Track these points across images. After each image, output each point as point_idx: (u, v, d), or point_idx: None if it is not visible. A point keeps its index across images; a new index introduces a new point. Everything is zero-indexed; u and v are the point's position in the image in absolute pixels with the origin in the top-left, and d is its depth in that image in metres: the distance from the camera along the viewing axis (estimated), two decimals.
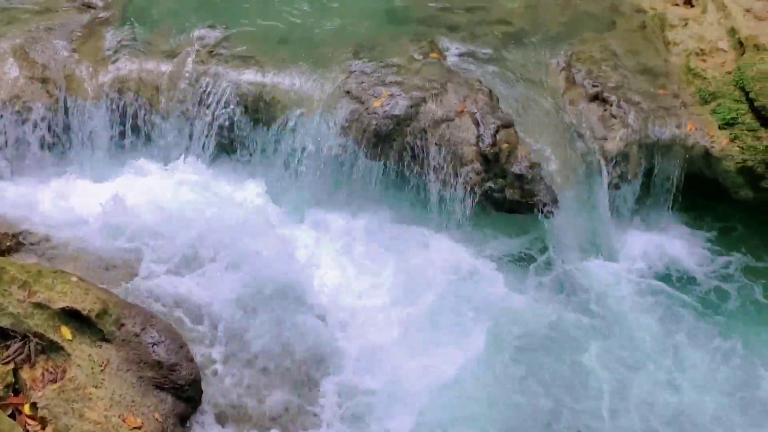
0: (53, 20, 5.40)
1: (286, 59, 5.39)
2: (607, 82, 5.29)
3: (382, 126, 4.90)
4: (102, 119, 5.07)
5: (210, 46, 5.40)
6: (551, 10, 6.19)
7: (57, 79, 4.98)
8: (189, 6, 5.92)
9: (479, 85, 5.15)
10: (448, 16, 6.05)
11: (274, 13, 5.97)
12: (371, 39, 5.65)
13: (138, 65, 5.19)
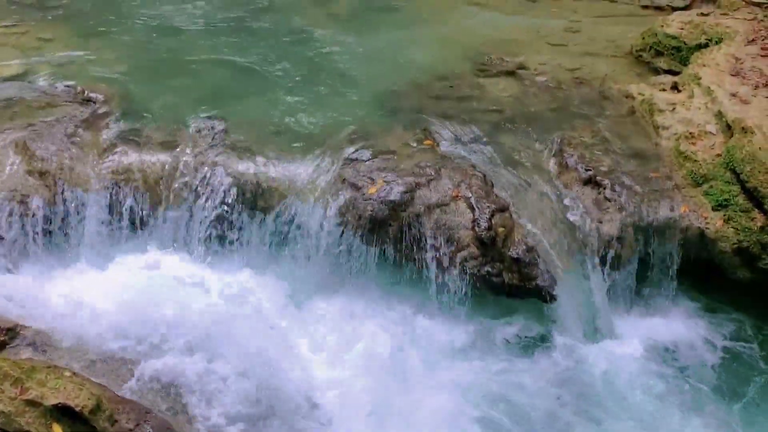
0: (54, 114, 5.52)
1: (283, 148, 5.50)
2: (599, 165, 5.37)
3: (377, 212, 4.94)
4: (99, 211, 5.08)
5: (208, 137, 5.51)
6: (540, 97, 6.37)
7: (56, 173, 5.02)
8: (188, 98, 6.08)
9: (473, 170, 5.23)
10: (440, 104, 6.21)
11: (271, 104, 6.13)
12: (366, 127, 5.78)
13: (136, 157, 5.25)
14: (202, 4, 8.40)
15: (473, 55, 7.17)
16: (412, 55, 7.26)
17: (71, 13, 7.83)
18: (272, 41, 7.52)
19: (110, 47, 7.00)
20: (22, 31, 7.14)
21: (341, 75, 6.79)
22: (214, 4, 8.41)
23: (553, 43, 7.55)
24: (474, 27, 8.09)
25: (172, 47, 7.16)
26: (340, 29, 7.98)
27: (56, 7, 7.94)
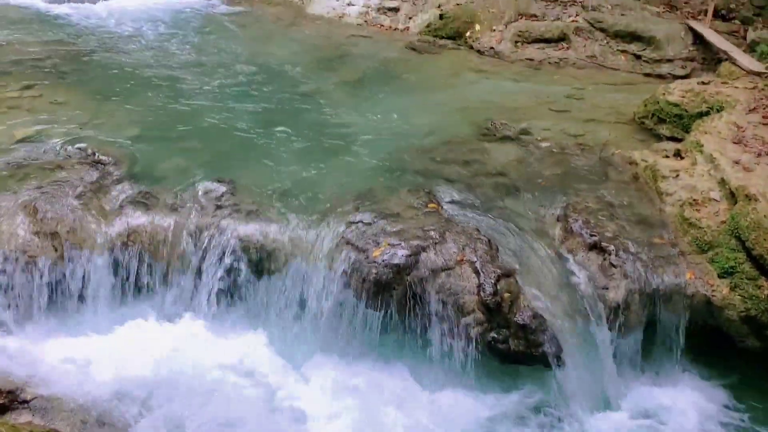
0: (64, 176, 5.59)
1: (288, 211, 5.52)
2: (604, 231, 5.37)
3: (382, 275, 4.92)
4: (105, 272, 5.11)
5: (215, 199, 5.55)
6: (544, 162, 6.42)
7: (63, 234, 5.07)
8: (196, 161, 6.15)
9: (478, 234, 5.23)
10: (445, 168, 6.27)
11: (278, 167, 6.19)
12: (370, 191, 5.82)
13: (143, 219, 5.30)
14: (212, 70, 8.61)
15: (477, 120, 7.29)
16: (417, 120, 7.38)
17: (85, 77, 8.03)
18: (281, 106, 7.68)
19: (121, 111, 7.14)
20: (37, 94, 7.30)
21: (347, 139, 6.89)
22: (224, 71, 8.62)
23: (556, 109, 7.68)
24: (477, 93, 8.26)
25: (181, 112, 7.30)
26: (347, 95, 8.15)
27: (71, 71, 8.15)
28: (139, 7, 11.33)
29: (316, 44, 10.02)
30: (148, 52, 9.21)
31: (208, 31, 10.39)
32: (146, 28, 10.28)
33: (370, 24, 10.87)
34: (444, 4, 10.56)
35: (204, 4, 11.79)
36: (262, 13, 11.47)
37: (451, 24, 10.13)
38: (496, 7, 10.14)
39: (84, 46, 9.21)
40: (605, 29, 9.65)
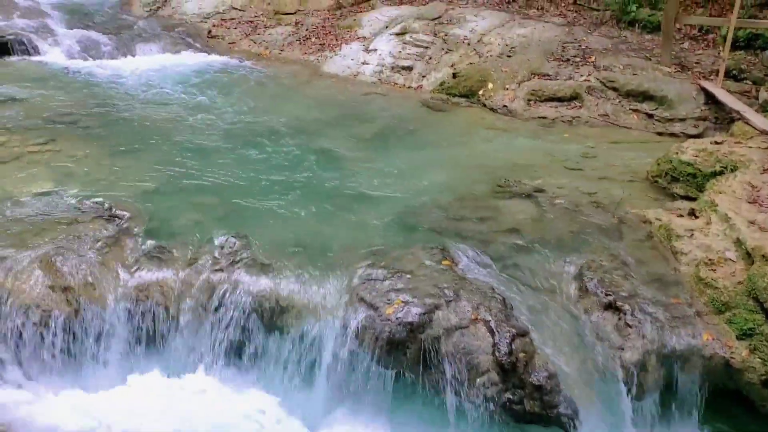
0: (81, 231, 5.64)
1: (301, 266, 5.52)
2: (619, 290, 5.33)
3: (395, 333, 4.88)
4: (119, 327, 5.12)
5: (229, 254, 5.56)
6: (558, 221, 6.41)
7: (78, 288, 5.09)
8: (211, 216, 6.20)
9: (492, 292, 5.20)
10: (459, 225, 6.27)
11: (292, 222, 6.23)
12: (384, 246, 5.82)
13: (158, 273, 5.33)
14: (229, 127, 8.75)
15: (491, 177, 7.33)
16: (431, 177, 7.43)
17: (103, 133, 8.17)
18: (295, 161, 7.77)
19: (138, 166, 7.24)
20: (56, 149, 7.43)
21: (361, 194, 6.94)
22: (240, 126, 8.76)
23: (569, 167, 7.71)
24: (491, 150, 8.33)
25: (198, 167, 7.39)
26: (362, 150, 8.24)
27: (90, 127, 8.32)
28: (160, 65, 11.61)
29: (331, 101, 10.19)
30: (167, 108, 9.40)
31: (227, 88, 10.60)
32: (166, 85, 10.51)
33: (384, 82, 11.06)
34: (457, 63, 10.75)
35: (223, 62, 12.06)
36: (279, 71, 11.71)
37: (465, 82, 10.28)
38: (509, 66, 10.30)
39: (104, 102, 9.41)
40: (617, 88, 9.75)
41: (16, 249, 5.36)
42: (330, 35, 12.80)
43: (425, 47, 11.31)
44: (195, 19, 14.16)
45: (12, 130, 7.85)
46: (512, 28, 11.22)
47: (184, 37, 13.19)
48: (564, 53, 10.54)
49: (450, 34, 11.40)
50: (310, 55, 12.39)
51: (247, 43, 13.12)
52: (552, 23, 11.37)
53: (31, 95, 9.37)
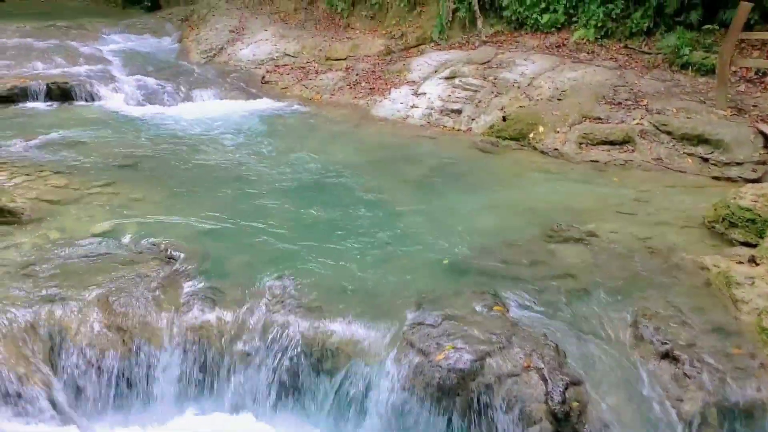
0: (137, 271, 5.78)
1: (350, 309, 5.52)
2: (677, 339, 5.16)
3: (445, 380, 4.82)
4: (171, 368, 5.18)
5: (279, 295, 5.61)
6: (611, 266, 6.29)
7: (133, 328, 5.20)
8: (262, 258, 6.27)
9: (545, 339, 5.11)
10: (510, 269, 6.21)
11: (341, 264, 6.25)
12: (434, 290, 5.79)
13: (210, 314, 5.39)
14: (279, 169, 8.91)
15: (542, 221, 7.25)
16: (480, 220, 7.40)
17: (160, 175, 8.43)
18: (344, 203, 7.84)
19: (192, 208, 7.41)
20: (116, 191, 7.68)
21: (410, 237, 6.94)
22: (290, 169, 8.91)
23: (622, 211, 7.58)
24: (541, 194, 8.26)
25: (249, 209, 7.53)
26: (410, 193, 8.28)
27: (148, 170, 8.58)
28: (215, 110, 11.98)
29: (379, 144, 10.30)
30: (222, 152, 9.64)
31: (279, 132, 10.84)
32: (221, 130, 10.81)
33: (433, 125, 11.14)
34: (507, 106, 10.77)
35: (276, 107, 12.37)
36: (330, 115, 11.93)
37: (515, 125, 10.28)
38: (560, 109, 10.28)
39: (161, 146, 9.71)
40: (671, 132, 9.60)
41: (75, 288, 5.51)
42: (379, 80, 13.01)
43: (475, 91, 11.38)
44: (249, 65, 14.59)
45: (74, 172, 8.15)
46: (562, 72, 11.22)
47: (239, 82, 13.60)
48: (615, 96, 10.47)
49: (500, 78, 11.46)
50: (360, 99, 12.60)
51: (299, 88, 13.42)
52: (603, 67, 11.34)
53: (92, 139, 9.75)
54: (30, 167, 8.22)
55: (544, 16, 12.72)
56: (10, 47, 14.14)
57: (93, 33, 16.29)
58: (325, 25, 15.82)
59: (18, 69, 12.95)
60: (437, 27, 13.71)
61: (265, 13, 16.76)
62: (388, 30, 14.64)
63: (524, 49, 12.46)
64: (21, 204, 6.85)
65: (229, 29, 16.15)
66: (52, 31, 15.92)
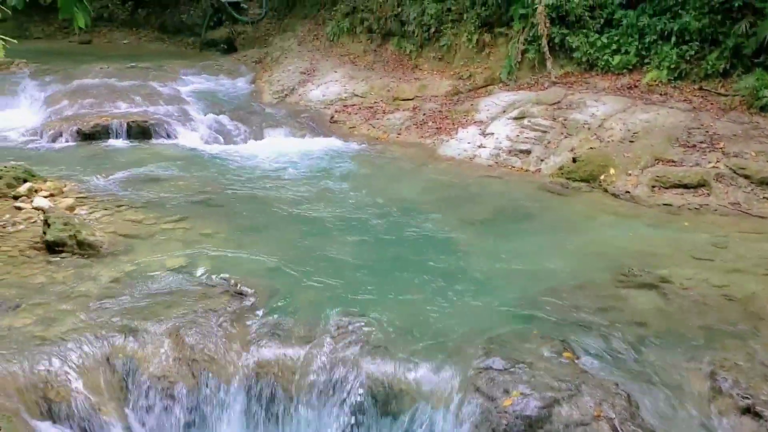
0: (208, 305, 5.91)
1: (416, 350, 5.49)
2: (759, 393, 4.91)
3: (512, 427, 4.71)
4: (238, 403, 5.24)
5: (345, 334, 5.63)
6: (686, 313, 6.07)
7: (202, 361, 5.29)
8: (329, 295, 6.33)
9: (616, 388, 4.94)
10: (580, 315, 6.06)
11: (406, 304, 6.24)
12: (500, 335, 5.69)
13: (277, 350, 5.45)
14: (346, 207, 9.01)
15: (613, 265, 7.08)
16: (548, 263, 7.27)
17: (231, 210, 8.65)
18: (410, 242, 7.86)
19: (262, 243, 7.56)
20: (189, 226, 7.90)
21: (475, 279, 6.88)
22: (357, 207, 9.00)
23: (698, 257, 7.32)
24: (612, 237, 8.07)
25: (316, 245, 7.62)
26: (474, 234, 8.22)
27: (219, 206, 8.82)
28: (285, 148, 12.25)
29: (446, 184, 10.30)
30: (291, 189, 9.83)
31: (346, 170, 10.98)
32: (290, 167, 11.04)
33: (501, 165, 11.08)
34: (577, 147, 10.64)
35: (344, 145, 12.56)
36: (396, 153, 12.03)
37: (585, 167, 10.12)
38: (632, 151, 10.07)
39: (233, 183, 9.98)
40: (749, 176, 9.27)
41: (148, 321, 5.67)
42: (446, 119, 13.07)
43: (544, 131, 11.30)
44: (319, 105, 14.91)
45: (150, 207, 8.44)
46: (634, 113, 11.03)
47: (308, 122, 13.89)
48: (690, 139, 10.20)
49: (569, 119, 11.35)
50: (427, 138, 12.67)
51: (367, 127, 13.61)
52: (676, 109, 11.08)
53: (168, 175, 10.10)
54: (109, 202, 8.56)
55: (615, 57, 12.58)
56: (94, 87, 14.85)
57: (172, 74, 16.98)
58: (393, 66, 16.05)
59: (101, 108, 13.58)
60: (506, 68, 13.72)
61: (336, 55, 17.14)
62: (456, 71, 14.74)
63: (595, 90, 12.33)
64: (100, 238, 7.13)
65: (300, 71, 16.58)
66: (134, 72, 16.68)
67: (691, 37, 11.77)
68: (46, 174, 9.40)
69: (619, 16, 12.61)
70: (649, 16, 12.26)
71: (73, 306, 5.86)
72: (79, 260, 6.76)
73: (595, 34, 12.86)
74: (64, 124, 12.51)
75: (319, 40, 18.26)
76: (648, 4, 12.38)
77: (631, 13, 12.47)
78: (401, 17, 16.31)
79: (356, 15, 17.37)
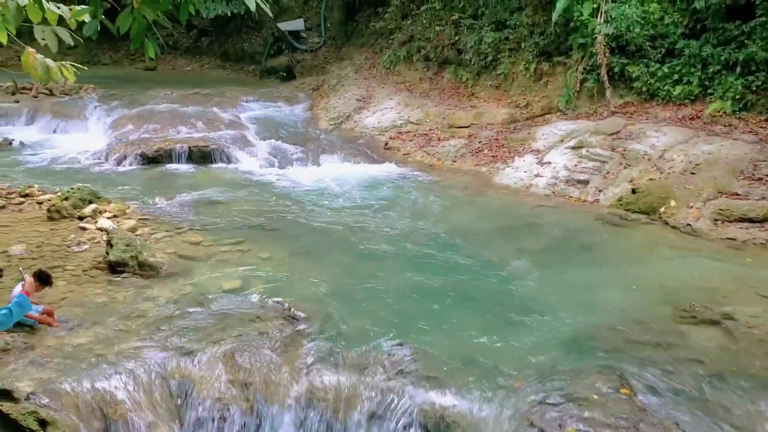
0: (262, 328, 5.97)
1: (468, 381, 5.42)
2: None
3: None
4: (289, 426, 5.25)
5: (397, 363, 5.60)
6: (752, 352, 5.84)
7: (255, 385, 5.34)
8: (381, 322, 6.32)
9: (676, 428, 4.80)
10: (638, 350, 5.90)
11: (459, 334, 6.18)
12: (555, 368, 5.59)
13: (330, 377, 5.45)
14: (399, 234, 9.01)
15: (673, 299, 6.87)
16: (605, 296, 7.11)
17: (287, 235, 8.75)
18: (463, 272, 7.78)
19: (316, 268, 7.61)
20: (245, 249, 8.03)
21: (530, 310, 6.77)
22: (410, 234, 8.99)
23: (764, 294, 7.04)
24: (673, 271, 7.83)
25: (369, 272, 7.63)
26: (530, 264, 8.10)
27: (275, 229, 8.94)
28: (340, 173, 12.39)
29: (501, 213, 10.21)
30: (345, 213, 9.90)
31: (400, 196, 11.01)
32: (345, 192, 11.14)
33: (557, 195, 10.94)
34: (636, 178, 10.43)
35: (398, 172, 12.61)
36: (451, 181, 12.00)
37: (644, 198, 9.89)
38: (694, 183, 9.81)
39: (289, 207, 10.11)
40: None
41: (204, 342, 5.75)
42: (503, 147, 13.00)
43: (602, 161, 11.13)
44: (374, 132, 15.04)
45: (208, 230, 8.61)
46: (696, 145, 10.76)
47: (363, 148, 14.04)
48: (756, 172, 9.87)
49: (629, 149, 11.15)
50: (482, 166, 12.62)
51: (421, 154, 13.65)
52: (741, 140, 10.76)
53: (226, 199, 10.31)
54: (170, 224, 8.78)
55: (677, 87, 12.34)
56: (158, 112, 15.35)
57: (232, 100, 17.43)
58: (449, 94, 16.11)
59: (164, 132, 14.01)
60: (564, 97, 13.60)
61: (392, 82, 17.32)
62: (513, 99, 14.69)
63: (655, 120, 12.09)
64: (160, 259, 7.29)
65: (356, 98, 16.80)
66: (197, 98, 17.18)
67: (757, 67, 11.46)
68: (111, 196, 9.72)
69: (681, 45, 12.39)
70: (713, 46, 12.01)
71: (132, 326, 5.99)
72: (139, 280, 6.93)
73: (656, 64, 12.66)
74: (129, 147, 12.95)
75: (375, 68, 18.49)
76: (712, 34, 12.13)
77: (693, 42, 12.23)
78: (458, 46, 16.39)
79: (413, 44, 17.53)
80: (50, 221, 8.53)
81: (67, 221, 8.57)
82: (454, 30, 16.58)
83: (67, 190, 9.16)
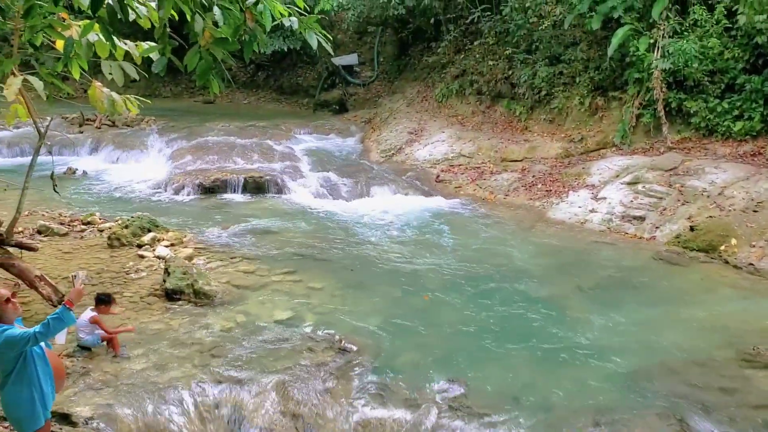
0: (313, 360, 5.99)
1: (522, 420, 5.32)
2: None
3: None
4: None
5: (449, 399, 5.53)
6: None
7: (307, 417, 5.33)
8: (432, 357, 6.27)
9: None
10: (698, 392, 5.70)
11: (511, 371, 6.08)
12: (610, 408, 5.44)
13: (380, 411, 5.41)
14: (451, 268, 8.94)
15: (735, 342, 6.63)
16: (663, 335, 6.91)
17: (339, 266, 8.78)
18: (515, 308, 7.67)
19: (367, 299, 7.62)
20: (297, 279, 8.10)
21: (584, 348, 6.62)
22: (462, 268, 8.92)
23: None
24: (735, 312, 7.57)
25: (420, 304, 7.60)
26: (586, 302, 7.93)
27: (326, 259, 9.00)
28: (391, 206, 12.41)
29: (555, 248, 10.06)
30: (396, 246, 9.90)
31: (451, 229, 10.96)
32: (396, 225, 11.15)
33: (613, 231, 10.73)
34: (695, 215, 10.16)
35: (449, 205, 12.58)
36: (503, 215, 11.91)
37: (704, 236, 9.62)
38: (756, 222, 9.50)
39: (341, 238, 10.17)
40: None
41: (256, 372, 5.80)
42: (557, 182, 12.86)
43: (659, 198, 10.89)
44: (425, 164, 15.08)
45: (261, 260, 8.72)
46: (758, 182, 10.44)
47: (414, 180, 14.07)
48: None
49: (687, 186, 10.89)
50: (536, 200, 12.49)
51: (473, 187, 13.59)
52: None
53: (279, 229, 10.44)
54: (224, 253, 8.92)
55: (737, 123, 12.04)
56: (215, 143, 15.72)
57: (286, 133, 17.74)
58: (501, 128, 16.06)
59: (220, 163, 14.32)
60: (619, 132, 13.42)
61: (443, 116, 17.37)
62: (567, 133, 14.55)
63: (714, 156, 11.81)
64: (214, 287, 7.41)
65: (408, 131, 16.90)
66: (252, 130, 17.55)
67: None
68: (168, 224, 9.95)
69: (741, 81, 12.12)
70: None
71: (187, 353, 6.08)
72: (194, 308, 7.04)
73: (715, 100, 12.40)
74: (187, 177, 13.27)
75: (427, 101, 18.59)
76: None
77: (755, 78, 11.96)
78: (512, 80, 16.39)
79: (466, 77, 17.60)
80: (110, 248, 8.78)
81: (127, 249, 8.80)
82: (508, 64, 16.60)
83: (127, 219, 9.42)
